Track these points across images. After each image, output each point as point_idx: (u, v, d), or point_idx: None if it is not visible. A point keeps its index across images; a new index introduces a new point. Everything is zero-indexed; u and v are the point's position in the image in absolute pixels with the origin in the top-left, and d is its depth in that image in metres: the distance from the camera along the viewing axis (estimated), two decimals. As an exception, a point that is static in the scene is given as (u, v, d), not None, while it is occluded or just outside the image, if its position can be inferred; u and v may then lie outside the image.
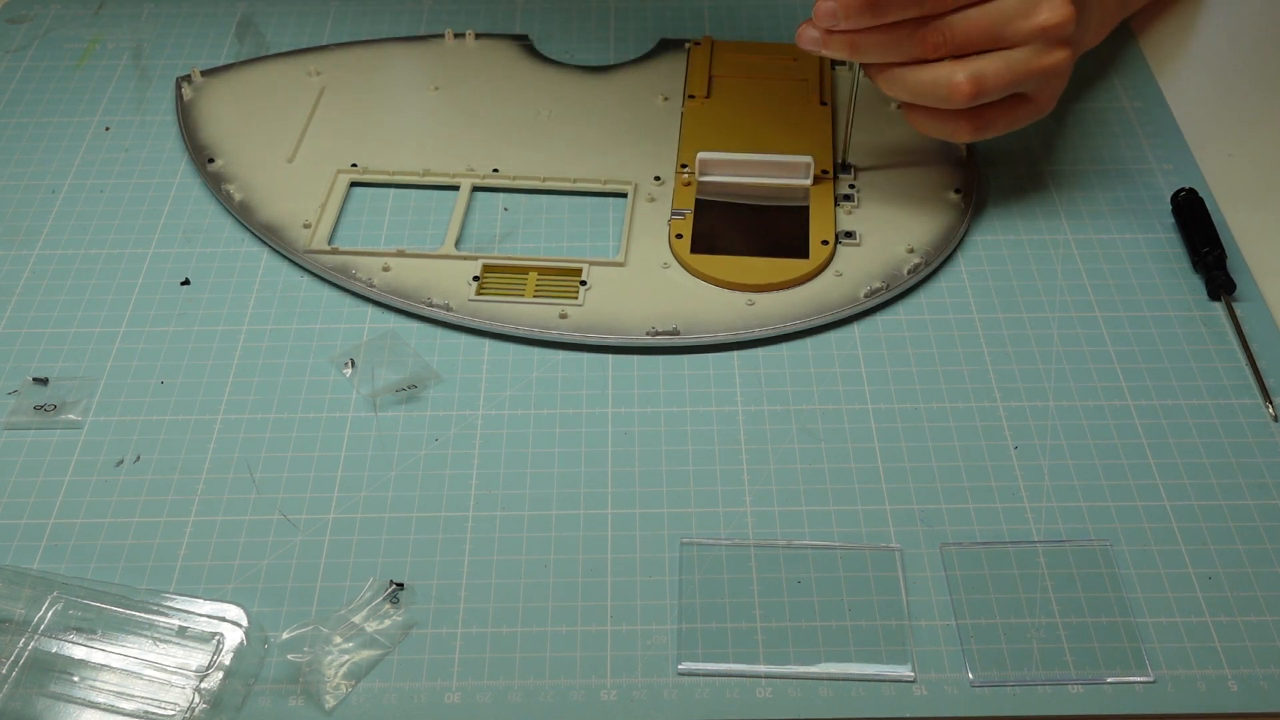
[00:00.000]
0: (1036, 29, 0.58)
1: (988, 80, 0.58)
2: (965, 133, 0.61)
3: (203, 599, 0.49)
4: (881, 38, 0.59)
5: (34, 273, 0.63)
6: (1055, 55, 0.59)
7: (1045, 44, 0.59)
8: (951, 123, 0.61)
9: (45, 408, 0.57)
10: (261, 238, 0.64)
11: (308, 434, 0.56)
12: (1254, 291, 0.61)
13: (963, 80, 0.58)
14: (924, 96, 0.60)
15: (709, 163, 0.66)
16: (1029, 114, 0.62)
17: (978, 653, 0.48)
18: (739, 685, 0.47)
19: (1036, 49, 0.59)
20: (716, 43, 0.76)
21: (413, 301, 0.61)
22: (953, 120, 0.61)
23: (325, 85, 0.74)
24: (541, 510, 0.53)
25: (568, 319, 0.60)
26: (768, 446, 0.55)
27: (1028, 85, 0.60)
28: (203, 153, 0.69)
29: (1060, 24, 0.58)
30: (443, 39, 0.77)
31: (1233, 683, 0.47)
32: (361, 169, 0.68)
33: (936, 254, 0.63)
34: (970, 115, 0.61)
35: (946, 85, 0.58)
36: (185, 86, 0.74)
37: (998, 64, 0.58)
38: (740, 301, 0.61)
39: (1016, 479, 0.54)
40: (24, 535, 0.52)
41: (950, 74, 0.58)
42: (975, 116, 0.61)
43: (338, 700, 0.46)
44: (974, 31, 0.58)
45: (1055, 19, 0.58)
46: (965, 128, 0.61)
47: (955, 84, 0.58)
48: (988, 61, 0.58)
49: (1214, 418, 0.56)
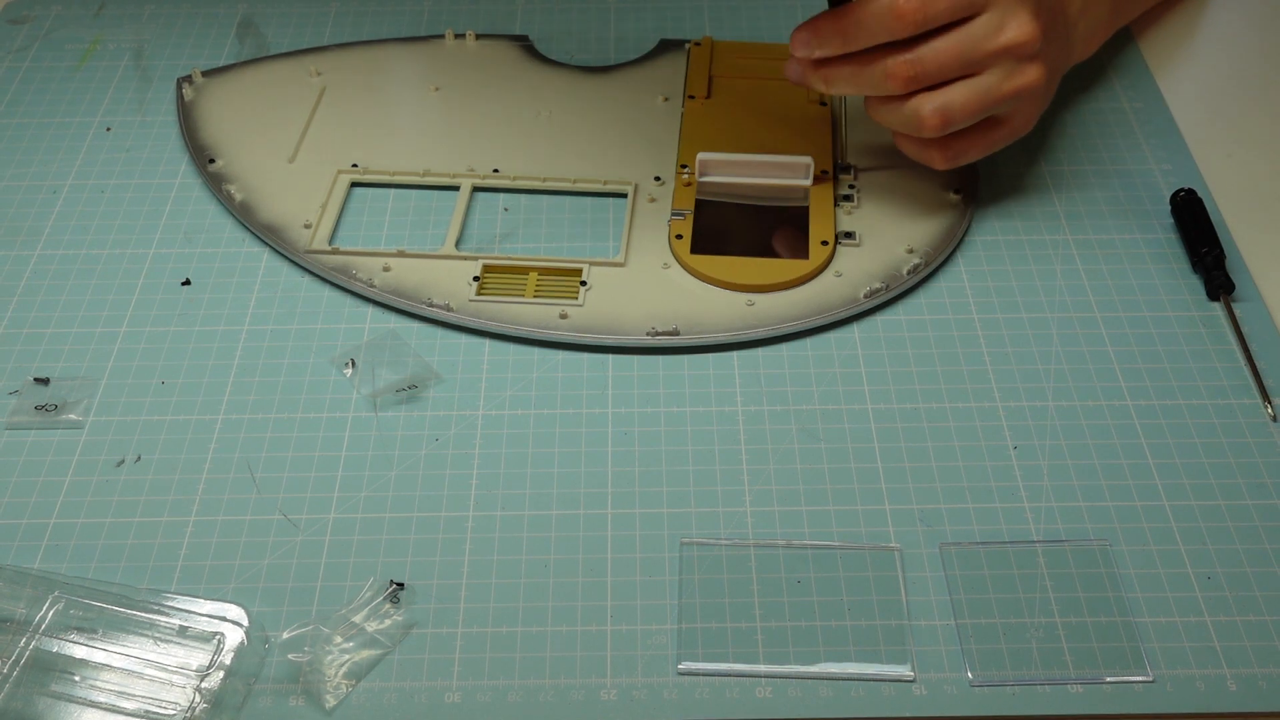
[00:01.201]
0: (1001, 49, 0.58)
1: (954, 110, 0.58)
2: (939, 161, 0.62)
3: (203, 599, 0.49)
4: (854, 70, 0.59)
5: (35, 273, 0.63)
6: (1026, 75, 0.59)
7: (1014, 63, 0.58)
8: (926, 151, 0.62)
9: (46, 408, 0.57)
10: (262, 238, 0.65)
11: (308, 434, 0.56)
12: (1253, 292, 0.61)
13: (929, 113, 0.58)
14: (898, 125, 0.60)
15: (709, 163, 0.66)
16: (1004, 137, 0.62)
17: (977, 652, 0.48)
18: (739, 685, 0.47)
19: (1005, 70, 0.58)
20: (717, 43, 0.76)
21: (413, 301, 0.61)
22: (927, 149, 0.62)
23: (326, 85, 0.74)
24: (541, 510, 0.53)
25: (568, 319, 0.60)
26: (768, 446, 0.55)
27: (1000, 108, 0.60)
28: (203, 153, 0.69)
29: (1025, 42, 0.58)
30: (443, 40, 0.77)
31: (1232, 682, 0.47)
32: (362, 169, 0.68)
33: (936, 254, 0.63)
34: (941, 144, 0.61)
35: (915, 117, 0.59)
36: (186, 87, 0.74)
37: (965, 92, 0.58)
38: (740, 302, 0.61)
39: (1016, 479, 0.54)
40: (25, 535, 0.52)
41: (918, 107, 0.58)
42: (945, 146, 0.61)
43: (338, 700, 0.46)
44: (945, 60, 0.57)
45: (1020, 37, 0.58)
46: (937, 157, 0.62)
47: (922, 116, 0.58)
48: (955, 91, 0.58)
49: (1213, 418, 0.56)
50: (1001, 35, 0.57)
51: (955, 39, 0.57)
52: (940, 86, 0.58)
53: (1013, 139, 0.62)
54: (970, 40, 0.57)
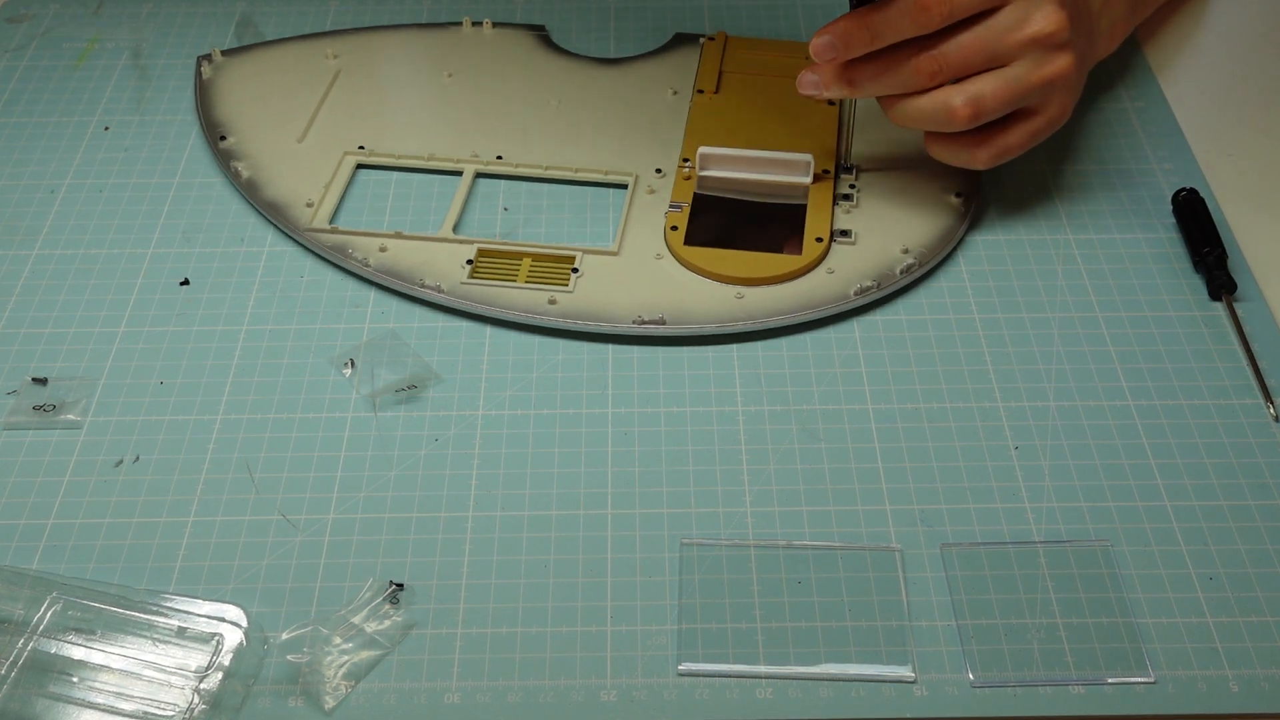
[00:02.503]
0: (1029, 39, 0.58)
1: (985, 100, 0.58)
2: (981, 159, 0.61)
3: (202, 599, 0.49)
4: (879, 69, 0.59)
5: (33, 272, 0.63)
6: (1056, 63, 0.58)
7: (1043, 53, 0.58)
8: (967, 150, 0.61)
9: (44, 408, 0.57)
10: (265, 215, 0.65)
11: (307, 434, 0.55)
12: (1255, 291, 0.61)
13: (960, 103, 0.58)
14: (926, 123, 0.60)
15: (709, 158, 0.66)
16: (1044, 127, 0.61)
17: (978, 653, 0.48)
18: (739, 686, 0.47)
19: (1034, 60, 0.58)
20: (730, 38, 0.76)
21: (407, 283, 0.61)
22: (967, 147, 0.61)
23: (341, 69, 0.74)
24: (541, 510, 0.53)
25: (556, 305, 0.60)
26: (768, 446, 0.55)
27: (1031, 98, 0.59)
28: (216, 130, 0.70)
29: (1054, 32, 0.58)
30: (460, 27, 0.78)
31: (1234, 683, 0.47)
32: (369, 152, 0.69)
33: (931, 255, 0.63)
34: (982, 140, 0.60)
35: (945, 109, 0.58)
36: (205, 65, 0.74)
37: (994, 82, 0.58)
38: (729, 295, 0.60)
39: (1017, 479, 0.54)
40: (23, 535, 0.52)
41: (947, 98, 0.58)
42: (987, 141, 0.60)
43: (337, 701, 0.46)
44: (969, 53, 0.57)
45: (1048, 27, 0.58)
46: (980, 155, 0.61)
47: (953, 108, 0.58)
48: (984, 81, 0.58)
49: (1215, 418, 0.56)
50: (1028, 26, 0.57)
51: (981, 30, 0.57)
52: (966, 79, 0.58)
53: (1051, 130, 0.62)
54: (997, 31, 0.57)
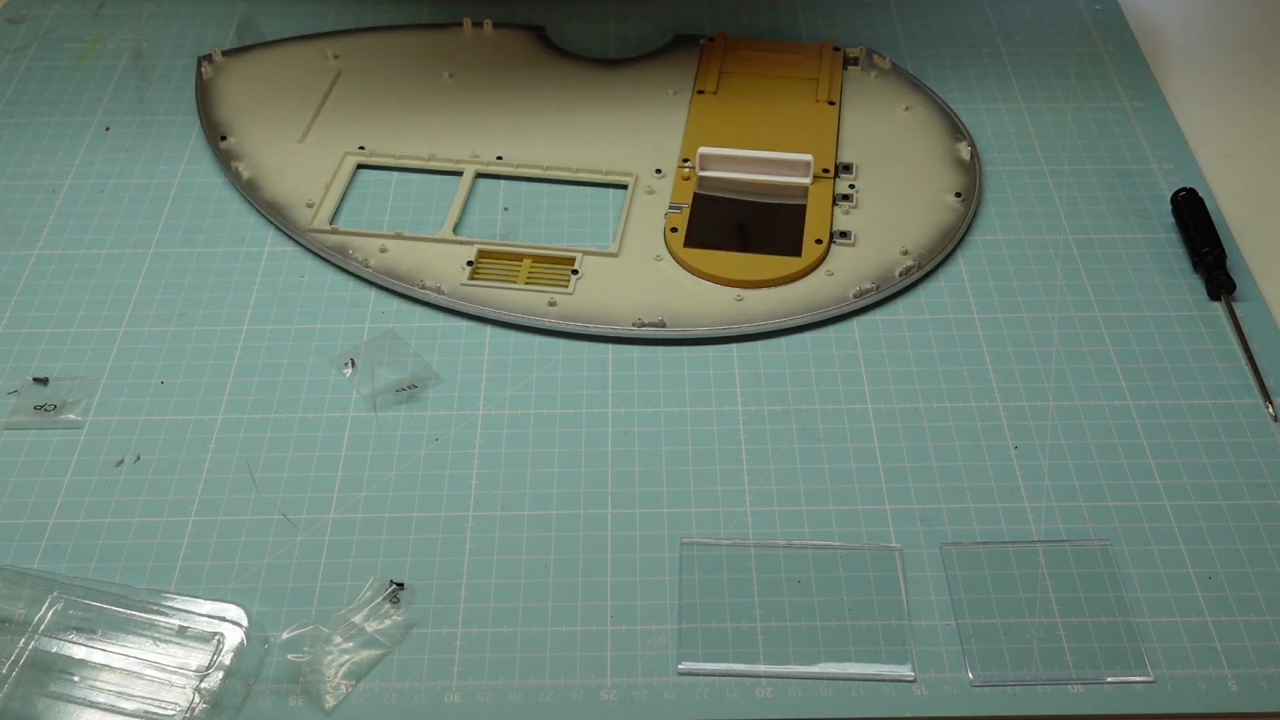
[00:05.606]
0: None
1: None
2: None
3: (203, 599, 0.49)
4: None
5: (34, 273, 0.63)
6: None
7: None
8: None
9: (45, 408, 0.57)
10: (265, 215, 0.65)
11: (308, 434, 0.56)
12: (1254, 291, 0.61)
13: None
14: None
15: (709, 158, 0.66)
16: None
17: (978, 653, 0.48)
18: (739, 685, 0.47)
19: None
20: (730, 39, 0.76)
21: (407, 284, 0.61)
22: None
23: (342, 69, 0.74)
24: (541, 510, 0.53)
25: (556, 306, 0.60)
26: (768, 446, 0.55)
27: None
28: (216, 130, 0.70)
29: None
30: (460, 28, 0.78)
31: (1233, 682, 0.47)
32: (369, 152, 0.69)
33: (930, 257, 0.63)
34: None
35: None
36: (206, 65, 0.74)
37: None
38: (729, 297, 0.61)
39: (1016, 479, 0.54)
40: (24, 535, 0.52)
41: None
42: None
43: (338, 700, 0.46)
44: None
45: None
46: None
47: None
48: None
49: (1214, 418, 0.56)
50: None
51: None
52: None
53: None
54: None
